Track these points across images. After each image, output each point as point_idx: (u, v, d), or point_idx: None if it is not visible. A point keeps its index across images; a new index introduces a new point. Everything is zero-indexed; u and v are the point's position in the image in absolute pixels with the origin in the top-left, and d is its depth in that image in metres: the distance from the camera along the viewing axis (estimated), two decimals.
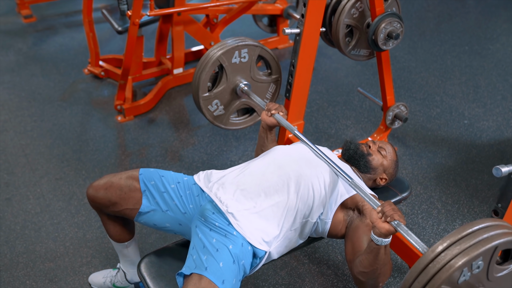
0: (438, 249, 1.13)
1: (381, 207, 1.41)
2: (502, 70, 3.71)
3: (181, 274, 1.51)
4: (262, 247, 1.59)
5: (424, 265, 1.13)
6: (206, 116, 2.28)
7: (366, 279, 1.50)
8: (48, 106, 3.27)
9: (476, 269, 1.14)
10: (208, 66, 2.15)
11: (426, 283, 1.12)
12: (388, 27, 2.30)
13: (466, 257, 1.10)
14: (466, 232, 1.14)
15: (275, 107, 1.94)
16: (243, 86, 2.22)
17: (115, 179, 1.71)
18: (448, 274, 1.10)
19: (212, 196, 1.66)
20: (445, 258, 1.11)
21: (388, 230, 1.38)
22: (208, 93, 2.22)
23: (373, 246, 1.43)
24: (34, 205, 2.52)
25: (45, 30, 4.23)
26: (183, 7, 3.11)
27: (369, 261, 1.45)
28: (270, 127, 1.98)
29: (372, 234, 1.42)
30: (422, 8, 4.74)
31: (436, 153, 2.89)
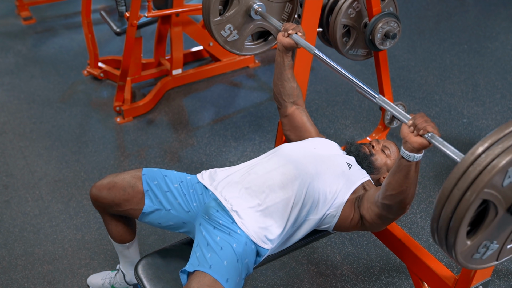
0: (478, 151, 1.01)
1: (412, 120, 1.30)
2: (501, 69, 3.70)
3: (184, 272, 1.51)
4: (266, 245, 1.59)
5: (464, 170, 1.01)
6: (219, 42, 2.12)
7: (393, 203, 1.44)
8: (47, 108, 3.28)
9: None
10: None
11: (466, 189, 1.01)
12: (385, 26, 2.29)
13: (510, 156, 0.98)
14: (509, 129, 1.02)
15: (293, 27, 1.84)
16: (257, 7, 2.05)
17: (118, 179, 1.71)
18: (491, 176, 0.98)
19: (217, 194, 1.66)
20: (486, 159, 0.99)
21: (421, 144, 1.28)
22: (220, 17, 2.05)
23: (404, 164, 1.35)
24: (32, 207, 2.52)
25: (45, 31, 4.24)
26: (181, 8, 3.11)
27: (399, 181, 1.38)
28: (287, 49, 1.88)
29: (402, 149, 1.34)
30: (421, 7, 4.73)
31: (435, 152, 2.89)
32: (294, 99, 1.97)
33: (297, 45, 1.85)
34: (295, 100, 1.97)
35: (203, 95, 3.43)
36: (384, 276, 2.19)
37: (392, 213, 1.51)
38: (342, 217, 1.67)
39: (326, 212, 1.67)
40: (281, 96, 1.97)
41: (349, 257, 2.28)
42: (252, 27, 2.16)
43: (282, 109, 2.00)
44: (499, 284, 2.16)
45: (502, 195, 1.04)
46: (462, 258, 1.13)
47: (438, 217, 1.08)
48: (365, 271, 2.22)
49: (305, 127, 1.97)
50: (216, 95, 3.44)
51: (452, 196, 1.03)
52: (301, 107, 2.00)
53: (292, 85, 1.95)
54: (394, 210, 1.48)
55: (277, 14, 2.18)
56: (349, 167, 1.74)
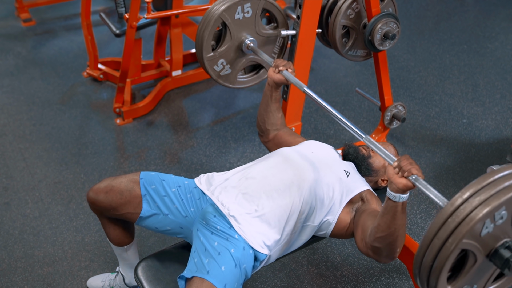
0: (457, 202, 1.05)
1: (397, 162, 1.34)
2: (500, 69, 3.70)
3: (182, 277, 1.50)
4: (264, 250, 1.58)
5: (443, 220, 1.06)
6: (212, 77, 2.17)
7: (383, 245, 1.45)
8: (47, 110, 3.28)
9: (500, 220, 1.07)
10: (210, 24, 2.03)
11: (446, 238, 1.05)
12: (384, 27, 2.29)
13: (487, 208, 1.03)
14: (487, 181, 1.06)
15: (283, 64, 1.88)
16: (249, 43, 2.11)
17: (115, 183, 1.70)
18: (470, 227, 1.03)
19: (214, 199, 1.65)
20: (465, 211, 1.04)
21: (405, 185, 1.31)
22: (213, 52, 2.11)
23: (390, 205, 1.37)
24: (32, 209, 2.52)
25: (44, 33, 4.24)
26: (180, 9, 3.11)
27: (387, 223, 1.40)
28: (277, 84, 1.91)
29: (388, 191, 1.36)
30: (421, 7, 4.73)
31: (435, 153, 2.89)
32: (277, 127, 2.01)
33: (287, 81, 1.88)
34: (278, 128, 2.01)
35: (203, 96, 3.43)
36: (384, 277, 2.19)
37: (383, 257, 1.50)
38: (338, 225, 1.68)
39: (323, 219, 1.67)
40: (264, 125, 2.00)
41: (349, 258, 2.28)
42: (244, 61, 2.21)
43: (264, 137, 2.04)
44: None
45: (481, 244, 1.09)
46: None
47: (420, 264, 1.12)
48: (365, 272, 2.21)
49: (293, 141, 1.97)
50: (216, 96, 3.44)
51: (432, 245, 1.08)
52: (282, 128, 2.02)
53: (277, 116, 1.99)
54: (384, 254, 1.48)
55: (269, 48, 2.24)
56: (347, 174, 1.73)
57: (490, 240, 1.09)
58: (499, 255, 1.10)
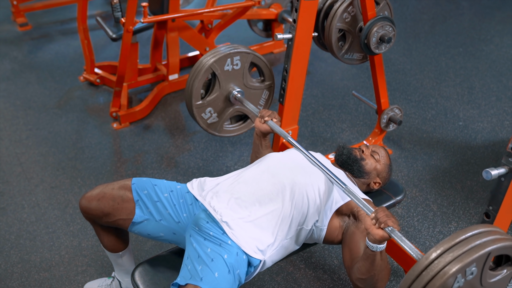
0: (432, 256, 1.14)
1: (374, 214, 1.41)
2: (496, 71, 3.72)
3: (175, 285, 1.50)
4: (257, 256, 1.58)
5: (418, 273, 1.14)
6: (199, 124, 2.28)
7: (364, 286, 1.50)
8: (43, 114, 3.27)
9: (470, 275, 1.15)
10: (200, 74, 2.15)
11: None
12: (380, 30, 2.30)
13: (459, 264, 1.11)
14: (459, 238, 1.15)
15: (268, 114, 1.95)
16: (236, 93, 2.23)
17: (107, 190, 1.70)
18: (442, 281, 1.10)
19: (206, 205, 1.65)
20: (438, 265, 1.12)
21: (382, 237, 1.37)
22: (201, 101, 2.23)
23: (369, 253, 1.43)
24: (29, 214, 2.52)
25: (41, 38, 4.24)
26: (177, 13, 3.11)
27: (366, 268, 1.46)
28: (264, 134, 1.99)
29: (367, 240, 1.42)
30: (417, 10, 4.75)
31: (431, 155, 2.89)
32: None
33: (272, 131, 1.95)
34: None
35: None
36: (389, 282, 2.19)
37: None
38: (329, 232, 1.70)
39: (316, 223, 1.68)
40: None
41: None
42: (231, 111, 2.32)
43: None
44: None
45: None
46: None
47: None
48: None
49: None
50: None
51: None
52: None
53: None
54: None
55: (255, 100, 2.35)
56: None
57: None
58: None
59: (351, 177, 1.88)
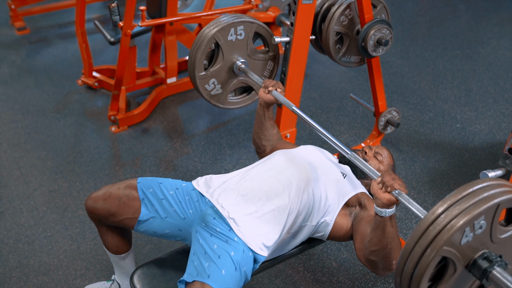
0: (438, 211, 1.09)
1: (380, 178, 1.39)
2: (493, 74, 3.73)
3: (182, 282, 1.50)
4: (263, 252, 1.59)
5: (424, 228, 1.10)
6: (203, 96, 2.21)
7: (378, 258, 1.47)
8: (42, 118, 3.28)
9: (479, 229, 1.10)
10: (203, 44, 2.08)
11: (427, 246, 1.08)
12: (377, 33, 2.31)
13: (467, 216, 1.06)
14: (466, 192, 1.10)
15: (272, 84, 1.93)
16: (240, 64, 2.17)
17: (113, 189, 1.71)
18: (450, 234, 1.06)
19: (213, 202, 1.66)
20: (445, 219, 1.08)
21: (389, 200, 1.36)
22: (205, 72, 2.16)
23: (379, 220, 1.40)
24: (27, 218, 2.51)
25: (39, 41, 4.24)
26: (175, 16, 3.12)
27: (378, 237, 1.43)
28: (267, 104, 1.96)
29: (375, 206, 1.40)
30: (414, 13, 4.77)
31: (429, 157, 2.90)
32: (273, 143, 2.03)
33: (277, 101, 1.93)
34: (274, 143, 2.03)
35: (198, 103, 3.44)
36: (380, 283, 2.19)
37: (380, 270, 1.52)
38: (335, 227, 1.69)
39: (321, 220, 1.68)
40: (260, 142, 2.03)
41: (345, 263, 2.28)
42: (235, 82, 2.27)
43: (261, 153, 2.05)
44: None
45: (460, 253, 1.12)
46: None
47: (401, 272, 1.14)
48: (361, 277, 2.22)
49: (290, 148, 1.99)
50: None
51: (413, 252, 1.11)
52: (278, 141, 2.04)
53: (272, 132, 2.02)
54: (380, 266, 1.50)
55: (260, 71, 2.30)
56: (343, 176, 1.74)
57: (469, 250, 1.13)
58: (478, 266, 1.13)
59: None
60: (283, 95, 1.93)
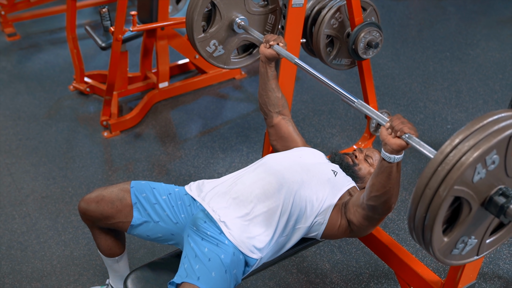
0: (447, 149, 1.03)
1: (389, 122, 1.34)
2: (482, 75, 3.77)
3: (172, 284, 1.51)
4: (254, 255, 1.60)
5: (434, 169, 1.04)
6: (205, 58, 2.15)
7: (378, 203, 1.47)
8: (33, 124, 3.27)
9: (492, 165, 1.03)
10: (198, 5, 2.00)
11: (437, 187, 1.03)
12: (367, 36, 2.33)
13: (477, 152, 0.99)
14: (477, 126, 1.03)
15: (274, 38, 1.88)
16: (240, 21, 2.09)
17: (106, 192, 1.71)
18: (460, 172, 1.00)
19: (205, 205, 1.67)
20: (455, 157, 1.01)
21: (399, 145, 1.31)
22: (204, 34, 2.08)
23: (385, 165, 1.37)
24: (20, 224, 2.50)
25: (29, 47, 4.23)
26: (166, 21, 3.13)
27: (382, 183, 1.41)
28: (269, 59, 1.92)
29: (383, 151, 1.37)
30: (404, 15, 4.81)
31: (421, 159, 2.92)
32: (279, 109, 1.99)
33: (279, 56, 1.89)
34: (280, 110, 1.99)
35: (190, 108, 3.44)
36: (373, 283, 2.21)
37: (378, 213, 1.54)
38: (329, 224, 1.69)
39: (314, 220, 1.68)
40: (266, 107, 2.00)
41: (338, 265, 2.29)
42: (237, 41, 2.19)
43: (268, 119, 2.02)
44: (485, 287, 2.18)
45: (474, 191, 1.06)
46: (440, 254, 1.14)
47: (414, 216, 1.09)
48: (354, 278, 2.23)
49: (292, 137, 1.99)
50: (203, 107, 3.45)
51: (424, 195, 1.05)
52: (287, 117, 2.02)
53: (277, 95, 1.98)
54: (379, 210, 1.51)
55: (261, 26, 2.22)
56: (334, 174, 1.76)
57: (484, 187, 1.07)
58: (494, 202, 1.07)
59: None
60: (286, 49, 1.87)
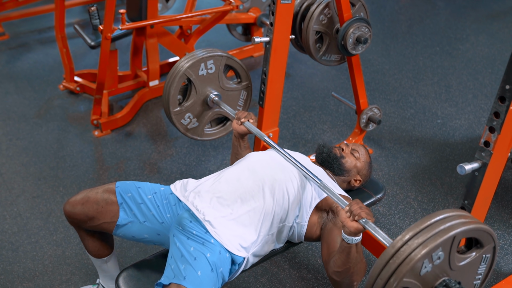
0: (398, 244, 1.15)
1: (348, 206, 1.43)
2: (472, 69, 3.79)
3: (159, 285, 1.51)
4: (240, 253, 1.60)
5: (385, 261, 1.15)
6: (180, 130, 2.29)
7: (340, 279, 1.51)
8: (23, 124, 3.25)
9: (437, 260, 1.16)
10: (175, 80, 2.16)
11: (388, 278, 1.13)
12: (356, 32, 2.34)
13: (425, 249, 1.12)
14: (425, 224, 1.16)
15: (244, 115, 1.96)
16: (214, 97, 2.24)
17: (91, 194, 1.71)
18: (409, 267, 1.11)
19: (188, 205, 1.67)
20: (405, 252, 1.13)
21: (356, 229, 1.40)
22: (179, 107, 2.23)
23: (345, 245, 1.45)
24: (11, 224, 2.49)
25: (19, 47, 4.20)
26: (155, 19, 3.12)
27: (342, 260, 1.47)
28: (241, 135, 2.00)
29: (342, 233, 1.44)
30: (394, 11, 4.83)
31: (411, 153, 2.94)
32: None
33: (250, 132, 1.95)
34: None
35: None
36: (365, 278, 2.22)
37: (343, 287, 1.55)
38: (309, 229, 1.73)
39: (296, 219, 1.71)
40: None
41: None
42: (211, 114, 2.33)
43: None
44: None
45: (421, 283, 1.17)
46: None
47: None
48: None
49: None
50: None
51: (376, 285, 1.16)
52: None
53: None
54: (343, 286, 1.53)
55: (234, 101, 2.35)
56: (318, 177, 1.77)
57: (430, 278, 1.18)
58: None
59: (331, 175, 1.91)
60: (255, 126, 1.96)
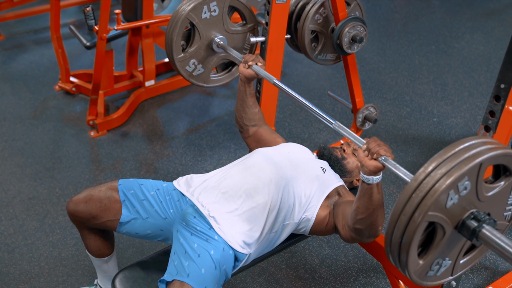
0: (421, 177, 1.07)
1: (366, 145, 1.38)
2: (468, 68, 3.80)
3: (163, 281, 1.51)
4: (244, 250, 1.60)
5: (408, 195, 1.08)
6: (184, 77, 2.16)
7: (364, 226, 1.48)
8: (19, 125, 3.24)
9: (464, 191, 1.08)
10: (178, 25, 2.03)
11: (412, 213, 1.07)
12: (352, 31, 2.34)
13: (449, 179, 1.04)
14: (449, 154, 1.08)
15: (252, 58, 1.89)
16: (219, 41, 2.12)
17: (94, 192, 1.71)
18: (434, 199, 1.04)
19: (194, 200, 1.67)
20: (428, 184, 1.06)
21: (376, 167, 1.35)
22: (183, 53, 2.11)
23: (365, 187, 1.40)
24: (6, 226, 2.48)
25: (14, 48, 4.19)
26: (151, 19, 3.11)
27: (365, 205, 1.43)
28: (248, 79, 1.93)
29: (361, 174, 1.39)
30: (390, 9, 4.83)
31: (408, 152, 2.94)
32: (255, 123, 2.01)
33: (258, 75, 1.90)
34: (256, 123, 2.01)
35: (177, 106, 3.43)
36: (362, 277, 2.22)
37: (366, 237, 1.53)
38: (317, 221, 1.70)
39: (302, 216, 1.69)
40: (242, 121, 2.01)
41: (327, 259, 2.30)
42: (216, 59, 2.21)
43: (244, 133, 2.03)
44: (473, 278, 2.21)
45: (447, 216, 1.10)
46: (416, 276, 1.18)
47: (390, 241, 1.14)
48: (343, 272, 2.24)
49: (273, 140, 1.98)
50: (190, 104, 3.44)
51: (400, 221, 1.09)
52: (262, 125, 2.03)
53: (253, 111, 1.99)
54: (366, 234, 1.51)
55: (239, 45, 2.24)
56: (323, 171, 1.76)
57: (457, 211, 1.10)
58: (467, 226, 1.11)
59: None
60: (264, 69, 1.89)
